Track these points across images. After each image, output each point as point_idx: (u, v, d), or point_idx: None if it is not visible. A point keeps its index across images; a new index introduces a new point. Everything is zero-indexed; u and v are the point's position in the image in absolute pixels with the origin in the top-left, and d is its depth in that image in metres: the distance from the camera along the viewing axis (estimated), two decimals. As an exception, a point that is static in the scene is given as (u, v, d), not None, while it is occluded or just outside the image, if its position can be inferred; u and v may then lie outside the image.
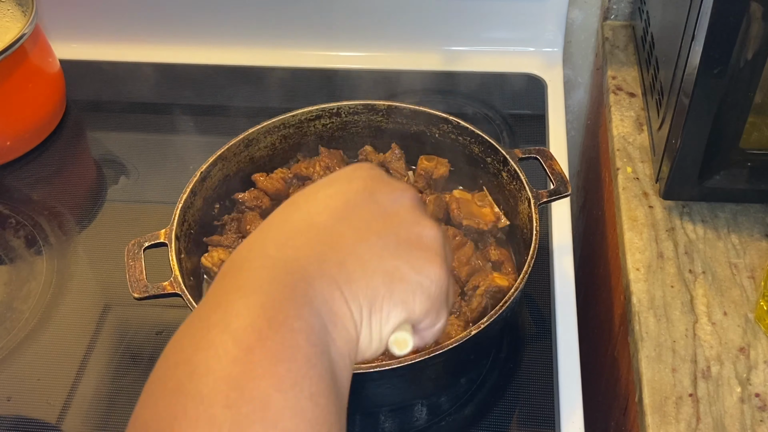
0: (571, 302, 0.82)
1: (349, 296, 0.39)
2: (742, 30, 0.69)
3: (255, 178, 0.85)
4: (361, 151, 0.88)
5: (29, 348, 0.81)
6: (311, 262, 0.39)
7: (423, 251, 0.43)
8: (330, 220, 0.41)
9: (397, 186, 0.45)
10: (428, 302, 0.42)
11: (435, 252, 0.43)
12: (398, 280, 0.41)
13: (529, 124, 1.04)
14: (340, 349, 0.38)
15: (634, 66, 1.05)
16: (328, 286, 0.39)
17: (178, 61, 1.14)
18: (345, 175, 0.45)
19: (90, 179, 1.02)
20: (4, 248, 0.91)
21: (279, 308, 0.36)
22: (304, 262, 0.39)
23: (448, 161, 0.85)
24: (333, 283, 0.39)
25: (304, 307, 0.37)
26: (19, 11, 0.98)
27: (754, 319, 0.75)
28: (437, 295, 0.43)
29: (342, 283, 0.39)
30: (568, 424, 0.72)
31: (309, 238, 0.41)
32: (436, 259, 0.43)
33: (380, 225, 0.42)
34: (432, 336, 0.45)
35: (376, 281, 0.40)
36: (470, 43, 1.14)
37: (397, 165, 0.86)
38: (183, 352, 0.37)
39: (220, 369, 0.34)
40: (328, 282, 0.39)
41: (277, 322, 0.36)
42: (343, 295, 0.39)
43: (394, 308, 0.41)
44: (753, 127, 0.77)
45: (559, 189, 0.76)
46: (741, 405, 0.69)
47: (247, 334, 0.35)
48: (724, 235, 0.82)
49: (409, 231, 0.43)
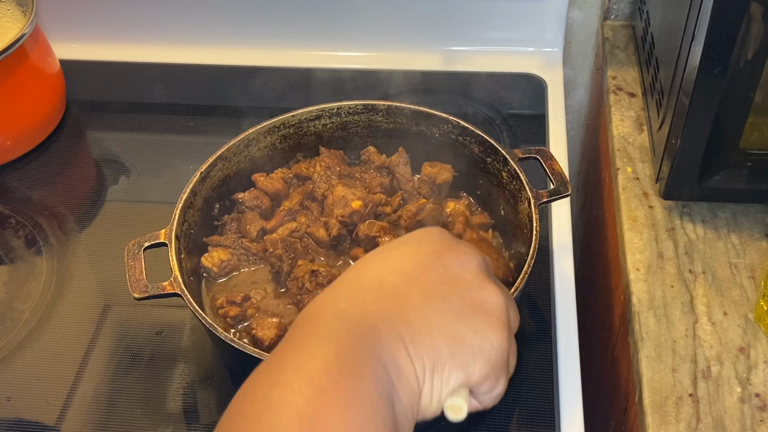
0: (571, 302, 0.82)
1: (414, 353, 0.41)
2: (742, 30, 0.69)
3: (255, 178, 0.85)
4: (364, 152, 0.88)
5: (29, 348, 0.81)
6: (380, 318, 0.42)
7: (486, 316, 0.44)
8: (399, 281, 0.44)
9: (465, 251, 0.47)
10: (488, 367, 0.43)
11: (498, 318, 0.44)
12: (460, 343, 0.43)
13: (529, 124, 1.04)
14: (403, 402, 0.40)
15: (634, 66, 1.05)
16: (394, 341, 0.41)
17: (178, 61, 1.14)
18: (416, 237, 0.48)
19: (90, 179, 1.02)
20: (4, 248, 0.91)
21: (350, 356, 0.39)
22: (373, 317, 0.42)
23: (451, 167, 0.85)
24: (399, 339, 0.41)
25: (373, 358, 0.40)
26: (19, 11, 0.98)
27: (754, 319, 0.75)
28: (497, 361, 0.44)
29: (408, 340, 0.41)
30: (568, 424, 0.72)
31: (379, 296, 0.43)
32: (498, 324, 0.44)
33: (446, 288, 0.44)
34: (490, 401, 0.46)
35: (439, 342, 0.42)
36: (470, 43, 1.14)
37: (403, 170, 0.86)
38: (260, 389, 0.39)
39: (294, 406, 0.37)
40: (395, 338, 0.41)
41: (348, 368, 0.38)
42: (408, 352, 0.41)
43: (455, 370, 0.42)
44: (753, 127, 0.77)
45: (559, 189, 0.76)
46: (741, 405, 0.69)
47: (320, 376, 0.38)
48: (724, 235, 0.82)
49: (474, 296, 0.45)
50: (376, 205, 0.82)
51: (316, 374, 0.38)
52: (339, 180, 0.84)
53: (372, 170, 0.87)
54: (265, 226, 0.82)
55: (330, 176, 0.84)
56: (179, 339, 0.80)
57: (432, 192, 0.84)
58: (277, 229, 0.81)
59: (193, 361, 0.78)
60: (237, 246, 0.80)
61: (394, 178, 0.86)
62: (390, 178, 0.86)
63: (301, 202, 0.83)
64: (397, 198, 0.83)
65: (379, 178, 0.86)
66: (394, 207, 0.83)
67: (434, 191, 0.84)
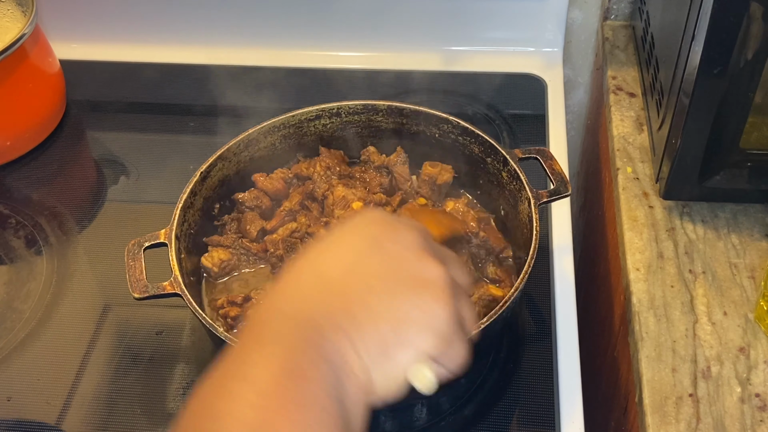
0: (571, 302, 0.82)
1: (360, 346, 0.42)
2: (742, 30, 0.69)
3: (255, 178, 0.85)
4: (364, 152, 0.88)
5: (29, 348, 0.81)
6: (322, 314, 0.42)
7: (427, 290, 0.44)
8: (340, 274, 0.44)
9: (400, 228, 0.47)
10: (437, 339, 0.44)
11: (438, 288, 0.45)
12: (405, 323, 0.43)
13: (529, 124, 1.04)
14: (352, 396, 0.41)
15: (634, 66, 1.05)
16: (339, 338, 0.41)
17: (178, 61, 1.14)
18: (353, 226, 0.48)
19: (90, 179, 1.02)
20: (4, 248, 0.91)
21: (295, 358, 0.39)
22: (315, 315, 0.42)
23: (452, 167, 0.85)
24: (343, 335, 0.42)
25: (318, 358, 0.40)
26: (19, 11, 0.98)
27: (754, 319, 0.75)
28: (445, 330, 0.44)
29: (351, 332, 0.42)
30: (568, 424, 0.72)
31: (320, 292, 0.44)
32: (439, 294, 0.44)
33: (386, 271, 0.44)
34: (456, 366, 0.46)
35: (384, 328, 0.43)
36: (470, 43, 1.14)
37: (401, 169, 0.86)
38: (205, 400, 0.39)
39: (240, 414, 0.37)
40: (339, 334, 0.42)
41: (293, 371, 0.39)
42: (353, 346, 0.42)
43: (403, 351, 0.43)
44: (753, 127, 0.77)
45: (559, 189, 0.76)
46: (741, 405, 0.69)
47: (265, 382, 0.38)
48: (724, 235, 0.82)
49: (413, 272, 0.45)
50: (377, 206, 0.82)
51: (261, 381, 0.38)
52: (339, 180, 0.84)
53: (372, 170, 0.87)
54: (266, 227, 0.82)
55: (330, 176, 0.84)
56: (179, 339, 0.80)
57: (432, 192, 0.84)
58: (277, 230, 0.81)
59: (193, 361, 0.78)
60: (237, 246, 0.80)
61: (393, 178, 0.86)
62: (389, 178, 0.86)
63: (301, 202, 0.83)
64: (397, 198, 0.83)
65: (378, 178, 0.86)
66: (394, 207, 0.83)
67: (434, 191, 0.85)
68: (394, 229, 0.47)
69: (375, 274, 0.44)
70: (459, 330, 0.45)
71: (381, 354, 0.42)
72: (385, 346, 0.43)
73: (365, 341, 0.42)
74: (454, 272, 0.47)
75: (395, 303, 0.44)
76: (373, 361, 0.42)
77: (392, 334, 0.43)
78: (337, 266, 0.45)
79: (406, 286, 0.44)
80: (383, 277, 0.44)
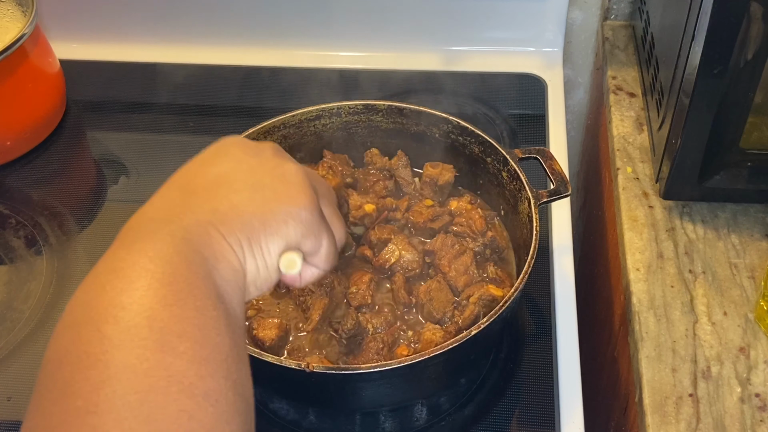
0: (571, 302, 0.82)
1: (227, 233, 0.44)
2: (742, 30, 0.69)
3: None
4: (367, 153, 0.88)
5: (29, 348, 0.81)
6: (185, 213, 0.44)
7: (288, 185, 0.48)
8: (201, 184, 0.47)
9: (258, 144, 0.52)
10: (302, 227, 0.48)
11: (299, 183, 0.49)
12: (269, 213, 0.47)
13: (529, 124, 1.04)
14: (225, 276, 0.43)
15: (634, 66, 1.05)
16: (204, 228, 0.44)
17: (178, 61, 1.14)
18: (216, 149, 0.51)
19: (90, 179, 1.02)
20: (4, 248, 0.91)
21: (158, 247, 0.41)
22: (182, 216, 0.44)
23: (453, 167, 0.85)
24: (209, 225, 0.44)
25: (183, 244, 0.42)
26: (19, 11, 0.98)
27: (754, 319, 0.75)
28: (309, 220, 0.48)
29: (217, 223, 0.44)
30: (568, 424, 0.72)
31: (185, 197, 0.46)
32: (300, 189, 0.49)
33: (249, 174, 0.48)
34: (323, 261, 0.51)
35: (248, 218, 0.46)
36: (470, 43, 1.14)
37: (403, 172, 0.86)
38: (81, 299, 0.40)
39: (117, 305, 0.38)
40: (203, 225, 0.44)
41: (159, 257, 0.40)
42: (220, 233, 0.44)
43: (271, 238, 0.46)
44: (753, 127, 0.77)
45: (559, 189, 0.76)
46: (741, 405, 0.69)
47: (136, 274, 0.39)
48: (724, 235, 0.82)
49: (274, 172, 0.49)
50: (388, 211, 0.82)
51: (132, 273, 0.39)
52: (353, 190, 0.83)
53: (375, 171, 0.87)
54: None
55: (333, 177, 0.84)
56: (179, 339, 0.80)
57: (434, 193, 0.84)
58: None
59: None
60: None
61: (395, 182, 0.86)
62: (393, 181, 0.86)
63: None
64: (404, 202, 0.84)
65: (383, 182, 0.86)
66: (402, 211, 0.83)
67: (436, 192, 0.84)
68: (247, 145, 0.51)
69: (239, 180, 0.48)
70: (322, 223, 0.50)
71: (249, 242, 0.45)
72: (253, 234, 0.45)
73: (232, 230, 0.44)
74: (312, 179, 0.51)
75: (258, 198, 0.47)
76: (242, 248, 0.45)
77: (258, 223, 0.46)
78: (198, 178, 0.48)
79: (267, 183, 0.48)
80: (244, 180, 0.48)
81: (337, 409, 0.76)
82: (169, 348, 0.36)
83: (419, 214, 0.82)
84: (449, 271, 0.76)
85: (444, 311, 0.73)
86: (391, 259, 0.77)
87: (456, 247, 0.77)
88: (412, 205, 0.84)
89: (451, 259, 0.77)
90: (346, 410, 0.76)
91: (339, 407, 0.76)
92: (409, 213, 0.83)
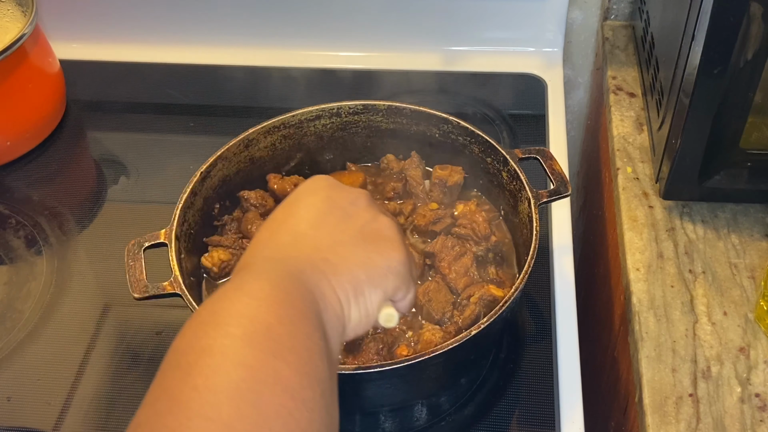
0: (571, 302, 0.82)
1: (337, 284, 0.49)
2: (742, 30, 0.69)
3: (269, 177, 0.85)
4: (383, 159, 0.89)
5: (29, 348, 0.81)
6: (301, 260, 0.49)
7: (386, 241, 0.53)
8: (309, 229, 0.52)
9: (352, 191, 0.56)
10: (398, 280, 0.52)
11: (395, 239, 0.54)
12: (372, 267, 0.51)
13: (529, 124, 1.04)
14: (329, 320, 0.47)
15: (634, 66, 1.05)
16: (317, 277, 0.48)
17: (178, 61, 1.14)
18: (308, 189, 0.56)
19: (90, 179, 1.02)
20: (4, 248, 0.91)
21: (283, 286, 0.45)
22: (295, 260, 0.49)
23: (462, 169, 0.85)
24: (322, 274, 0.49)
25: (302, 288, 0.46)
26: (19, 11, 0.98)
27: (754, 319, 0.75)
28: (404, 273, 0.53)
29: (330, 274, 0.49)
30: (568, 424, 0.72)
31: (295, 243, 0.51)
32: (396, 245, 0.53)
33: (347, 226, 0.53)
34: (407, 306, 0.55)
35: (356, 271, 0.50)
36: (470, 43, 1.14)
37: (414, 172, 0.86)
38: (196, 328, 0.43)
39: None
40: (317, 274, 0.48)
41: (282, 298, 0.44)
42: (331, 284, 0.49)
43: (373, 290, 0.51)
44: (753, 127, 0.77)
45: (559, 189, 0.76)
46: (741, 405, 0.69)
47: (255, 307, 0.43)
48: (724, 235, 0.82)
49: (371, 227, 0.54)
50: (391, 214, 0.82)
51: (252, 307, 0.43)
52: None
53: (390, 174, 0.87)
54: None
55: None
56: (179, 339, 0.80)
57: (443, 195, 0.84)
58: None
59: (193, 361, 0.78)
60: (237, 247, 0.80)
61: (406, 182, 0.86)
62: (403, 183, 0.86)
63: None
64: (409, 206, 0.84)
65: (392, 183, 0.86)
66: (406, 215, 0.83)
67: (445, 194, 0.84)
68: (345, 191, 0.56)
69: (339, 229, 0.52)
70: (410, 275, 0.54)
71: (355, 292, 0.49)
72: (358, 285, 0.50)
73: (341, 281, 0.49)
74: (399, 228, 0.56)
75: (360, 251, 0.51)
76: (348, 298, 0.49)
77: (364, 275, 0.50)
78: (304, 222, 0.52)
79: (366, 237, 0.53)
80: (346, 231, 0.52)
81: (337, 409, 0.76)
82: (280, 356, 0.41)
83: (422, 217, 0.82)
84: (449, 273, 0.76)
85: (443, 312, 0.73)
86: None
87: (456, 248, 0.77)
88: (417, 208, 0.84)
89: (451, 261, 0.77)
90: (345, 410, 0.76)
91: (338, 407, 0.76)
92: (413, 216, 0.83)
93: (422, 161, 0.87)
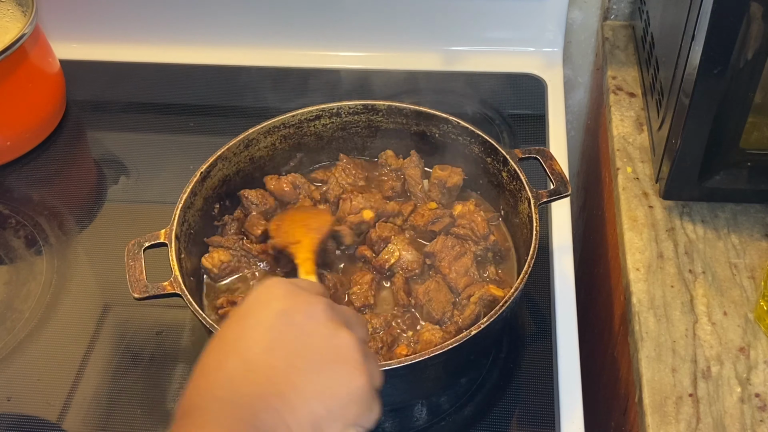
0: (571, 302, 0.82)
1: (293, 425, 0.46)
2: (742, 30, 0.69)
3: (266, 180, 0.85)
4: (381, 155, 0.88)
5: (29, 348, 0.81)
6: (254, 397, 0.46)
7: (345, 364, 0.49)
8: (261, 354, 0.48)
9: (310, 300, 0.51)
10: (360, 407, 0.49)
11: (355, 360, 0.49)
12: (331, 398, 0.48)
13: (529, 124, 1.04)
14: None
15: (634, 66, 1.05)
16: (272, 417, 0.45)
17: (178, 61, 1.14)
18: (260, 302, 0.51)
19: (90, 179, 1.02)
20: (4, 248, 0.91)
21: None
22: (248, 398, 0.46)
23: (461, 170, 0.85)
24: (276, 414, 0.46)
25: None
26: (19, 11, 0.98)
27: (754, 319, 0.75)
28: (366, 397, 0.49)
29: (285, 413, 0.46)
30: (568, 424, 0.72)
31: (247, 374, 0.47)
32: (356, 366, 0.49)
33: (303, 347, 0.48)
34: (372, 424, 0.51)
35: (314, 405, 0.47)
36: (470, 43, 1.14)
37: (413, 171, 0.86)
38: None
39: None
40: (272, 414, 0.45)
41: None
42: (287, 425, 0.46)
43: (334, 423, 0.48)
44: (753, 127, 0.77)
45: (559, 189, 0.76)
46: (741, 405, 0.69)
47: None
48: (724, 235, 0.82)
49: (329, 346, 0.49)
50: (388, 216, 0.82)
51: None
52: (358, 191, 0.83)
53: (388, 171, 0.87)
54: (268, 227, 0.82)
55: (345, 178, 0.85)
56: (179, 339, 0.80)
57: (442, 195, 0.84)
58: None
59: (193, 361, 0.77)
60: (237, 247, 0.80)
61: (405, 181, 0.86)
62: (401, 182, 0.86)
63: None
64: (408, 207, 0.83)
65: (391, 182, 0.86)
66: (405, 216, 0.83)
67: (444, 194, 0.84)
68: (300, 302, 0.51)
69: (294, 352, 0.48)
70: (371, 396, 0.50)
71: (314, 429, 0.47)
72: (316, 422, 0.47)
73: (298, 420, 0.46)
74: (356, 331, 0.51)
75: (320, 380, 0.48)
76: None
77: (322, 409, 0.47)
78: (256, 346, 0.48)
79: (324, 360, 0.48)
80: (302, 354, 0.48)
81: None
82: None
83: (420, 217, 0.82)
84: (449, 272, 0.76)
85: (443, 311, 0.73)
86: (391, 259, 0.77)
87: (456, 248, 0.77)
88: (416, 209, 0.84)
89: (451, 260, 0.77)
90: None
91: None
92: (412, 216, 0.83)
93: (421, 160, 0.87)
